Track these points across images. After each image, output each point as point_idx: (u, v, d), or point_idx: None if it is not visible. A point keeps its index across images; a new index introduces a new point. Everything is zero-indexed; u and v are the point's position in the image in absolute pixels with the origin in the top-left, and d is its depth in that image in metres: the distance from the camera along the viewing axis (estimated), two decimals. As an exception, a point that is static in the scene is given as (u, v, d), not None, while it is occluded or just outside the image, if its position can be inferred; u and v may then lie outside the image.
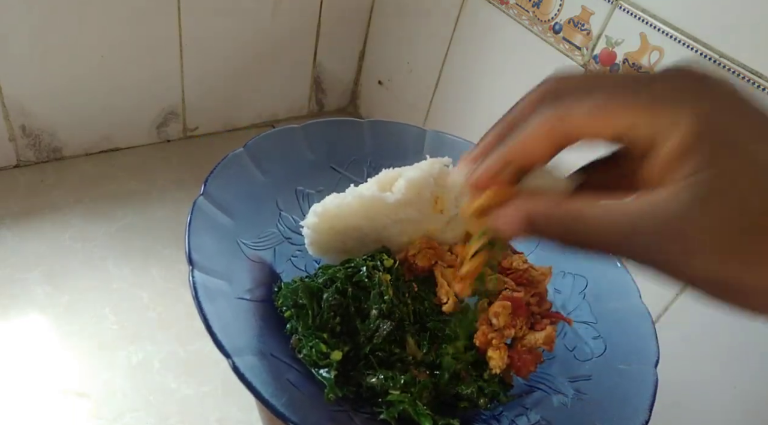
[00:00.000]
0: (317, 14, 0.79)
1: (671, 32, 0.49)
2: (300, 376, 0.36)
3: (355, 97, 0.92)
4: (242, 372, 0.33)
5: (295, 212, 0.48)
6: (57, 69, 0.64)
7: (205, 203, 0.42)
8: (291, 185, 0.49)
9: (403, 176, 0.40)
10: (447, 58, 0.73)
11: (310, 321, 0.39)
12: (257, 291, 0.41)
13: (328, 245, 0.43)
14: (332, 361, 0.37)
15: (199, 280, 0.36)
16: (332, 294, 0.39)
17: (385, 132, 0.53)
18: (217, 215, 0.42)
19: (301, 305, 0.39)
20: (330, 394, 0.35)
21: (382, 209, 0.40)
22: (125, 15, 0.64)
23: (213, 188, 0.43)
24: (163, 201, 0.68)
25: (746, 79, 0.45)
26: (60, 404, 0.48)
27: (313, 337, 0.38)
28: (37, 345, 0.52)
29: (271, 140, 0.49)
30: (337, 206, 0.41)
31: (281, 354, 0.37)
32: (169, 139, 0.78)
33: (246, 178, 0.46)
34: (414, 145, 0.52)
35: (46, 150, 0.69)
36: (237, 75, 0.78)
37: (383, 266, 0.41)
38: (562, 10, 0.57)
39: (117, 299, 0.57)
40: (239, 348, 0.35)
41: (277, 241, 0.47)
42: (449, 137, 0.53)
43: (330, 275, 0.41)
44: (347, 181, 0.49)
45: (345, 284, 0.40)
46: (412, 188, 0.39)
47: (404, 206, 0.40)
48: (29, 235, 0.61)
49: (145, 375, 0.52)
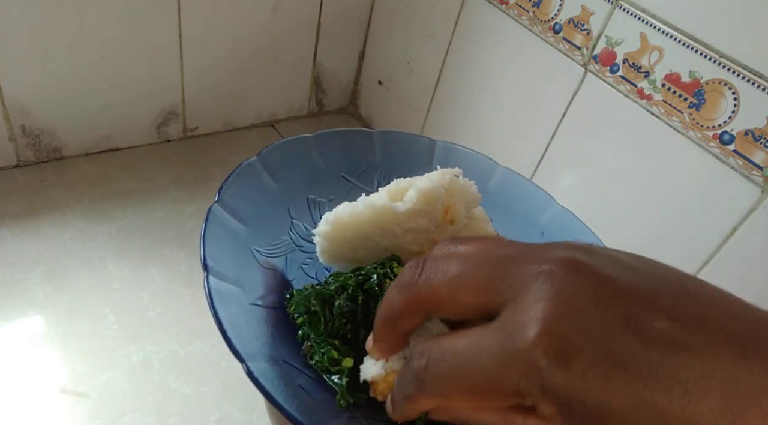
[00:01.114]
0: (317, 14, 0.79)
1: (671, 32, 0.49)
2: (312, 382, 0.37)
3: (355, 97, 0.92)
4: (256, 376, 0.33)
5: (306, 221, 0.48)
6: (57, 69, 0.64)
7: (220, 210, 0.42)
8: (303, 194, 0.50)
9: (414, 186, 0.41)
10: (447, 58, 0.73)
11: (322, 327, 0.39)
12: (269, 298, 0.42)
13: (339, 254, 0.44)
14: (344, 368, 0.37)
15: (214, 285, 0.36)
16: (344, 301, 0.39)
17: (395, 142, 0.54)
18: (231, 223, 0.43)
19: (314, 312, 0.40)
20: (342, 401, 0.36)
21: (393, 218, 0.41)
22: (125, 15, 0.64)
23: (227, 196, 0.43)
24: (163, 201, 0.69)
25: (746, 79, 0.45)
26: (60, 404, 0.48)
27: (325, 344, 0.38)
28: (37, 345, 0.52)
29: (284, 149, 0.49)
30: (348, 215, 0.41)
31: (293, 359, 0.38)
32: (169, 139, 0.78)
33: (259, 186, 0.47)
34: (424, 155, 0.53)
35: (46, 150, 0.69)
36: (237, 75, 0.78)
37: (393, 274, 0.41)
38: (562, 10, 0.57)
39: (117, 299, 0.57)
40: (252, 353, 0.35)
41: (289, 249, 0.47)
42: (459, 148, 0.53)
43: (342, 283, 0.41)
44: (358, 190, 0.50)
45: (356, 292, 0.40)
46: (422, 198, 0.40)
47: (415, 215, 0.40)
48: (29, 235, 0.61)
49: (145, 375, 0.52)
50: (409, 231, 0.41)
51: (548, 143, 0.62)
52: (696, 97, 0.48)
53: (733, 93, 0.46)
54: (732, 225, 0.48)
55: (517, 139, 0.66)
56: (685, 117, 0.50)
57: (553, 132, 0.61)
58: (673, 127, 0.50)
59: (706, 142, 0.48)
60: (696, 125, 0.49)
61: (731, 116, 0.47)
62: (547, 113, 0.61)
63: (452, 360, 0.23)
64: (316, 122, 0.89)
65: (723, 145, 0.47)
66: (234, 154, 0.78)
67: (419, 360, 0.24)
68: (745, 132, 0.46)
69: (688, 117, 0.49)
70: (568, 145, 0.60)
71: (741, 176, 0.47)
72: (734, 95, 0.46)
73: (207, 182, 0.72)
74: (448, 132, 0.76)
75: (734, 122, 0.46)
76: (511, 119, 0.67)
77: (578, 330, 0.20)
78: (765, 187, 0.46)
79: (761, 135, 0.45)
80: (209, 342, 0.55)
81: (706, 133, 0.48)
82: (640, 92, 0.52)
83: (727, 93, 0.46)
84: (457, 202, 0.40)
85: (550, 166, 0.63)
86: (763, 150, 0.45)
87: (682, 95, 0.49)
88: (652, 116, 0.52)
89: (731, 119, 0.47)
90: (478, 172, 0.49)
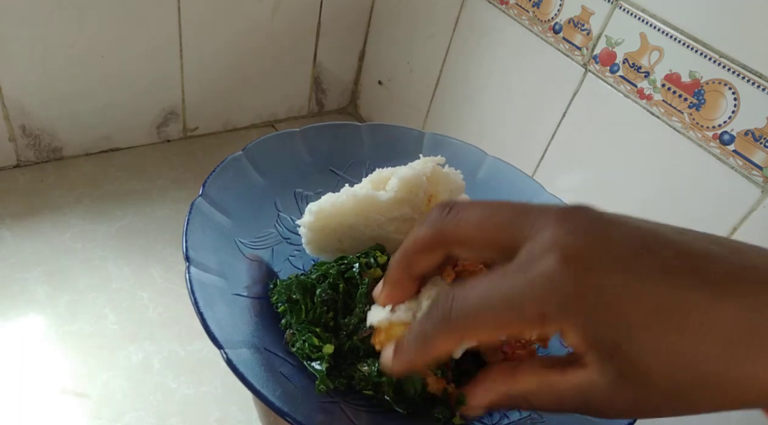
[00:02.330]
0: (317, 14, 0.79)
1: (671, 32, 0.49)
2: (293, 370, 0.37)
3: (355, 97, 0.92)
4: (235, 363, 0.34)
5: (294, 214, 0.49)
6: (57, 69, 0.64)
7: (204, 203, 0.43)
8: (290, 188, 0.50)
9: (396, 174, 0.41)
10: (447, 58, 0.73)
11: (304, 315, 0.40)
12: (254, 288, 0.42)
13: (325, 244, 0.44)
14: (324, 354, 0.38)
15: (195, 276, 0.37)
16: (325, 289, 0.40)
17: (383, 135, 0.54)
18: (215, 215, 0.44)
19: (295, 300, 0.40)
20: (321, 385, 0.36)
21: (376, 207, 0.41)
22: (125, 15, 0.64)
23: (211, 190, 0.44)
24: (163, 201, 0.69)
25: (746, 79, 0.45)
26: (60, 404, 0.49)
27: (306, 331, 0.39)
28: (37, 345, 0.52)
29: (270, 143, 0.50)
30: (331, 205, 0.42)
31: (275, 348, 0.38)
32: (169, 139, 0.78)
33: (245, 180, 0.47)
34: (413, 147, 0.53)
35: (46, 150, 0.69)
36: (237, 75, 0.78)
37: (376, 262, 0.42)
38: (562, 10, 0.57)
39: (117, 299, 0.57)
40: (233, 341, 0.35)
41: (276, 241, 0.48)
42: (447, 139, 0.53)
43: (323, 271, 0.42)
44: (346, 183, 0.50)
45: (338, 280, 0.41)
46: (404, 185, 0.40)
47: (398, 204, 0.41)
48: (29, 235, 0.61)
49: (145, 375, 0.52)
50: (393, 220, 0.42)
51: (548, 143, 0.62)
52: (696, 98, 0.48)
53: (733, 93, 0.46)
54: (732, 225, 0.48)
55: (517, 139, 0.66)
56: (685, 117, 0.50)
57: (553, 132, 0.61)
58: (673, 127, 0.50)
59: (706, 142, 0.48)
60: (696, 125, 0.49)
61: (731, 116, 0.47)
62: (547, 113, 0.61)
63: (476, 296, 0.24)
64: (316, 121, 0.89)
65: (723, 145, 0.47)
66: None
67: (445, 298, 0.25)
68: (745, 132, 0.46)
69: (688, 117, 0.49)
70: (568, 145, 0.60)
71: (741, 176, 0.47)
72: (734, 95, 0.46)
73: (207, 182, 0.72)
74: (448, 132, 0.75)
75: (734, 122, 0.47)
76: (511, 119, 0.67)
77: (596, 251, 0.22)
78: (765, 187, 0.46)
79: (761, 135, 0.45)
80: (209, 341, 0.55)
81: (706, 133, 0.48)
82: (640, 92, 0.52)
83: (727, 93, 0.46)
84: (441, 190, 0.41)
85: (550, 166, 0.63)
86: (763, 150, 0.45)
87: (682, 95, 0.49)
88: (652, 116, 0.52)
89: (731, 119, 0.47)
90: (467, 162, 0.50)
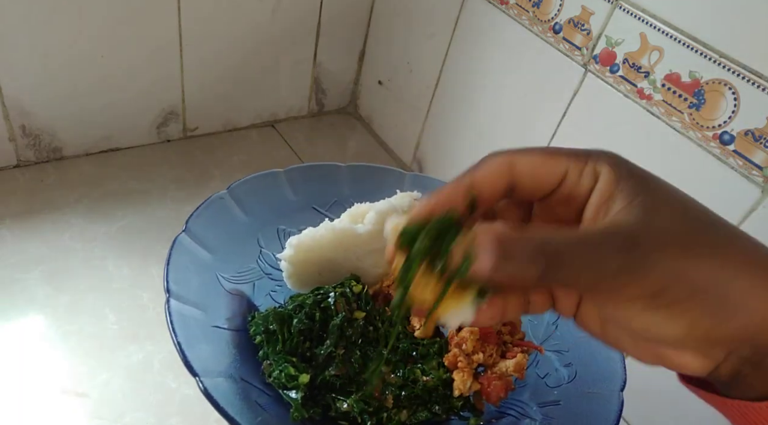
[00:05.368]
0: (317, 14, 0.79)
1: (671, 32, 0.49)
2: (270, 400, 0.38)
3: (355, 97, 0.92)
4: (210, 391, 0.35)
5: (276, 250, 0.50)
6: (57, 69, 0.64)
7: (186, 239, 0.45)
8: (273, 225, 0.52)
9: (373, 208, 0.43)
10: (447, 58, 0.73)
11: (280, 345, 0.41)
12: (234, 321, 0.44)
13: (305, 277, 0.46)
14: (299, 384, 0.39)
15: (175, 307, 0.39)
16: (301, 319, 0.41)
17: (365, 174, 0.56)
18: (198, 251, 0.45)
19: (272, 331, 0.42)
20: (296, 413, 0.37)
21: (354, 239, 0.43)
22: (125, 15, 0.64)
23: (195, 226, 0.46)
24: (163, 201, 0.69)
25: (746, 79, 0.45)
26: (60, 404, 0.48)
27: (282, 361, 0.40)
28: (37, 345, 0.52)
29: (255, 182, 0.52)
30: (311, 239, 0.43)
31: (253, 379, 0.40)
32: (169, 139, 0.78)
33: (228, 217, 0.49)
34: (394, 186, 0.55)
35: (46, 150, 0.69)
36: (237, 75, 0.78)
37: (351, 291, 0.43)
38: (562, 10, 0.57)
39: (117, 299, 0.57)
40: (209, 370, 0.37)
41: (257, 276, 0.50)
42: (429, 179, 0.55)
43: (300, 302, 0.43)
44: (327, 220, 0.52)
45: (314, 309, 0.42)
46: (381, 218, 0.41)
47: (375, 237, 0.42)
48: (29, 235, 0.61)
49: (145, 375, 0.52)
50: (371, 253, 0.44)
51: (548, 143, 0.62)
52: (696, 98, 0.48)
53: (733, 93, 0.46)
54: (732, 225, 0.48)
55: (517, 139, 0.66)
56: (685, 117, 0.50)
57: (553, 132, 0.61)
58: (673, 127, 0.50)
59: (706, 142, 0.48)
60: (696, 125, 0.49)
61: (731, 116, 0.47)
62: (547, 113, 0.61)
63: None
64: (316, 121, 0.89)
65: (723, 145, 0.47)
66: (234, 154, 0.78)
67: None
68: (745, 132, 0.46)
69: (688, 117, 0.49)
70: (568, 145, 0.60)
71: (741, 176, 0.47)
72: (734, 95, 0.46)
73: (207, 182, 0.72)
74: (448, 132, 0.76)
75: (734, 122, 0.46)
76: (511, 119, 0.67)
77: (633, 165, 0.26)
78: (765, 187, 0.46)
79: (761, 135, 0.45)
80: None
81: (706, 133, 0.48)
82: (640, 92, 0.52)
83: (727, 93, 0.46)
84: None
85: (550, 166, 0.63)
86: (763, 150, 0.45)
87: (682, 95, 0.49)
88: (652, 116, 0.52)
89: (731, 119, 0.47)
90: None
